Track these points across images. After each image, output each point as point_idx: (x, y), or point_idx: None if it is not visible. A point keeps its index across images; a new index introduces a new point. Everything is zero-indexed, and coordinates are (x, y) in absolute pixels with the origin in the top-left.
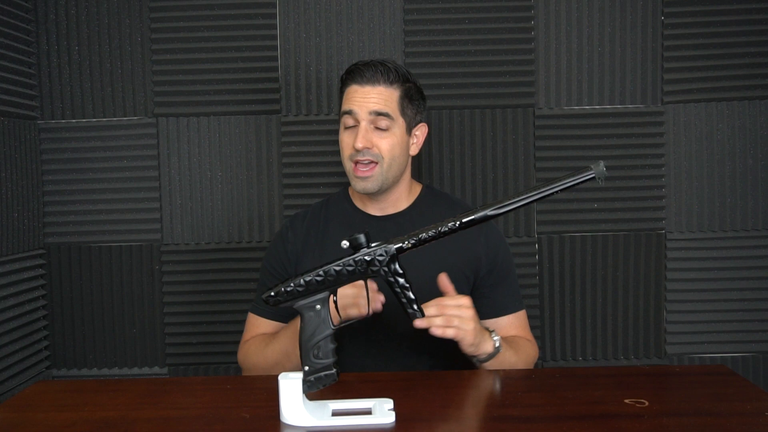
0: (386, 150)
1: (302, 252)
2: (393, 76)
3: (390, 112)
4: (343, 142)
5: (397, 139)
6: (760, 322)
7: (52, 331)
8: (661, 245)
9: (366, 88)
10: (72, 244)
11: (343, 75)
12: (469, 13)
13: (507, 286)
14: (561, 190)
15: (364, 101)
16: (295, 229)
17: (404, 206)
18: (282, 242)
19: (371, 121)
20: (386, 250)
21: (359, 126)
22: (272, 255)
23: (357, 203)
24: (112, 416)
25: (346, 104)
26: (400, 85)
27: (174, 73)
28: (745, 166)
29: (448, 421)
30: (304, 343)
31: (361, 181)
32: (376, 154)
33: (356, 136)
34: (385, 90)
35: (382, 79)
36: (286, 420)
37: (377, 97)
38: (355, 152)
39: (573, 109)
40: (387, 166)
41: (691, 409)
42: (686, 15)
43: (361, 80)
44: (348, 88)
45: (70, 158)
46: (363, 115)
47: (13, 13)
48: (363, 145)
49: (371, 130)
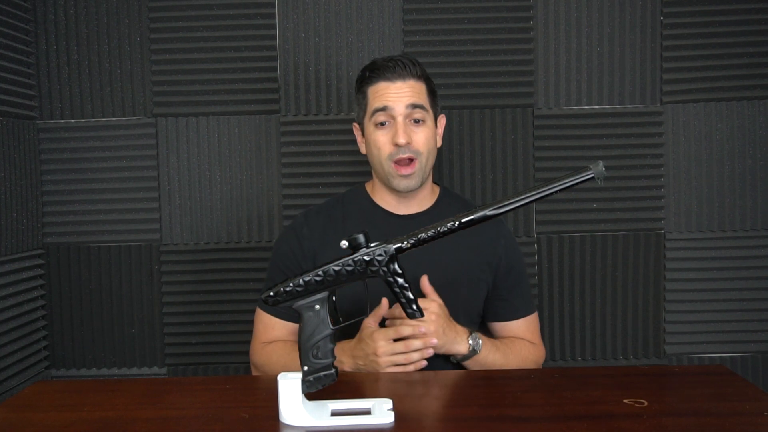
0: (423, 143)
1: (320, 249)
2: (419, 70)
3: (424, 103)
4: (379, 141)
5: (431, 132)
6: (760, 322)
7: (51, 331)
8: (660, 245)
9: (398, 83)
10: (71, 244)
11: (364, 73)
12: (468, 13)
13: (522, 289)
14: (560, 190)
15: (399, 96)
16: (311, 225)
17: (428, 204)
18: (297, 239)
19: (407, 115)
20: (385, 250)
21: (396, 122)
22: (284, 253)
23: (380, 202)
24: (111, 416)
25: (379, 101)
26: (425, 78)
27: (173, 73)
28: (744, 166)
29: (448, 421)
30: (303, 343)
31: (405, 179)
32: (414, 150)
33: (396, 132)
34: (416, 83)
35: (410, 74)
36: (286, 420)
37: (410, 90)
38: (396, 150)
39: (572, 109)
40: (425, 160)
41: (690, 409)
42: (685, 15)
43: (391, 76)
44: (374, 85)
45: (69, 158)
46: (400, 110)
47: (12, 13)
48: (406, 140)
49: (408, 124)
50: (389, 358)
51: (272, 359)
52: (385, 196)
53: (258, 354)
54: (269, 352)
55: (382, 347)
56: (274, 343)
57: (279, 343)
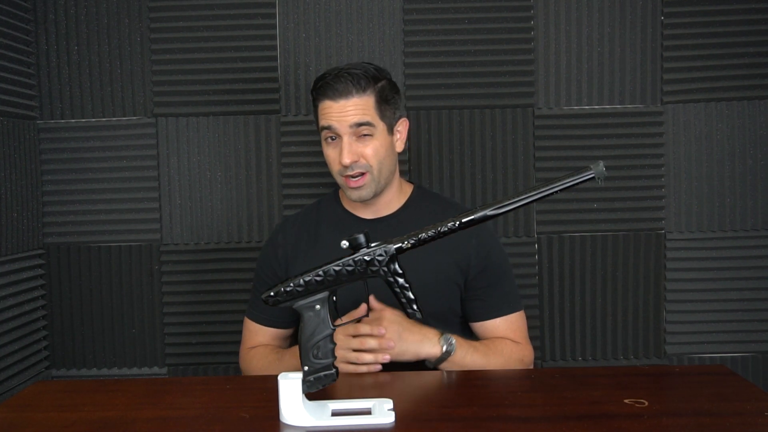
0: (372, 156)
1: (293, 255)
2: (364, 82)
3: (369, 119)
4: (329, 158)
5: (381, 143)
6: (760, 322)
7: (51, 331)
8: (660, 245)
9: (340, 102)
10: (71, 244)
11: (312, 90)
12: (468, 13)
13: (500, 288)
14: (561, 190)
15: (341, 116)
16: (286, 232)
17: (396, 207)
18: (272, 247)
19: (352, 133)
20: (386, 250)
21: (342, 140)
22: (263, 261)
23: (348, 206)
24: (111, 416)
25: (324, 120)
26: (373, 89)
27: (173, 73)
28: (744, 166)
29: (448, 421)
30: (303, 343)
31: (356, 191)
32: (364, 165)
33: (341, 152)
34: (359, 100)
35: (354, 90)
36: (286, 420)
37: (353, 108)
38: (344, 168)
39: (572, 109)
40: (377, 172)
41: (691, 409)
42: (686, 15)
43: (333, 95)
44: (321, 104)
45: (70, 158)
46: (343, 130)
47: (12, 13)
48: (350, 159)
49: (354, 141)
50: (342, 352)
51: (253, 363)
52: (349, 202)
53: (242, 359)
54: (251, 357)
55: (339, 340)
56: (256, 348)
57: (260, 348)
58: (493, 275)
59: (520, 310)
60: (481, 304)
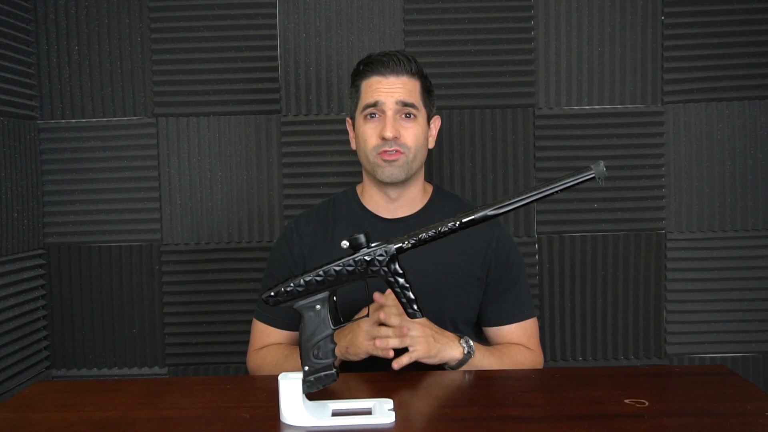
0: (412, 140)
1: (310, 254)
2: (414, 67)
3: (415, 102)
4: (366, 133)
5: (422, 129)
6: (760, 322)
7: (51, 331)
8: (661, 245)
9: (390, 78)
10: (72, 244)
11: (359, 67)
12: (469, 13)
13: (515, 294)
14: (561, 190)
15: (390, 91)
16: (300, 230)
17: (418, 207)
18: (287, 245)
19: (397, 111)
20: (386, 250)
21: (385, 116)
22: (277, 259)
23: (368, 204)
24: (111, 416)
25: (370, 96)
26: (420, 76)
27: (174, 73)
28: (745, 166)
29: (448, 421)
30: (303, 343)
31: (389, 166)
32: (402, 144)
33: (384, 126)
34: (409, 80)
35: (404, 70)
36: (286, 420)
37: (402, 87)
38: (382, 143)
39: (573, 109)
40: (413, 156)
41: (691, 409)
42: (686, 15)
43: (384, 71)
44: (368, 79)
45: (70, 158)
46: (390, 105)
47: (12, 13)
48: (393, 134)
49: (398, 119)
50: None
51: (266, 360)
52: (374, 195)
53: (252, 359)
54: (263, 355)
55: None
56: (268, 347)
57: (273, 346)
58: (509, 281)
59: (534, 317)
60: (493, 308)
